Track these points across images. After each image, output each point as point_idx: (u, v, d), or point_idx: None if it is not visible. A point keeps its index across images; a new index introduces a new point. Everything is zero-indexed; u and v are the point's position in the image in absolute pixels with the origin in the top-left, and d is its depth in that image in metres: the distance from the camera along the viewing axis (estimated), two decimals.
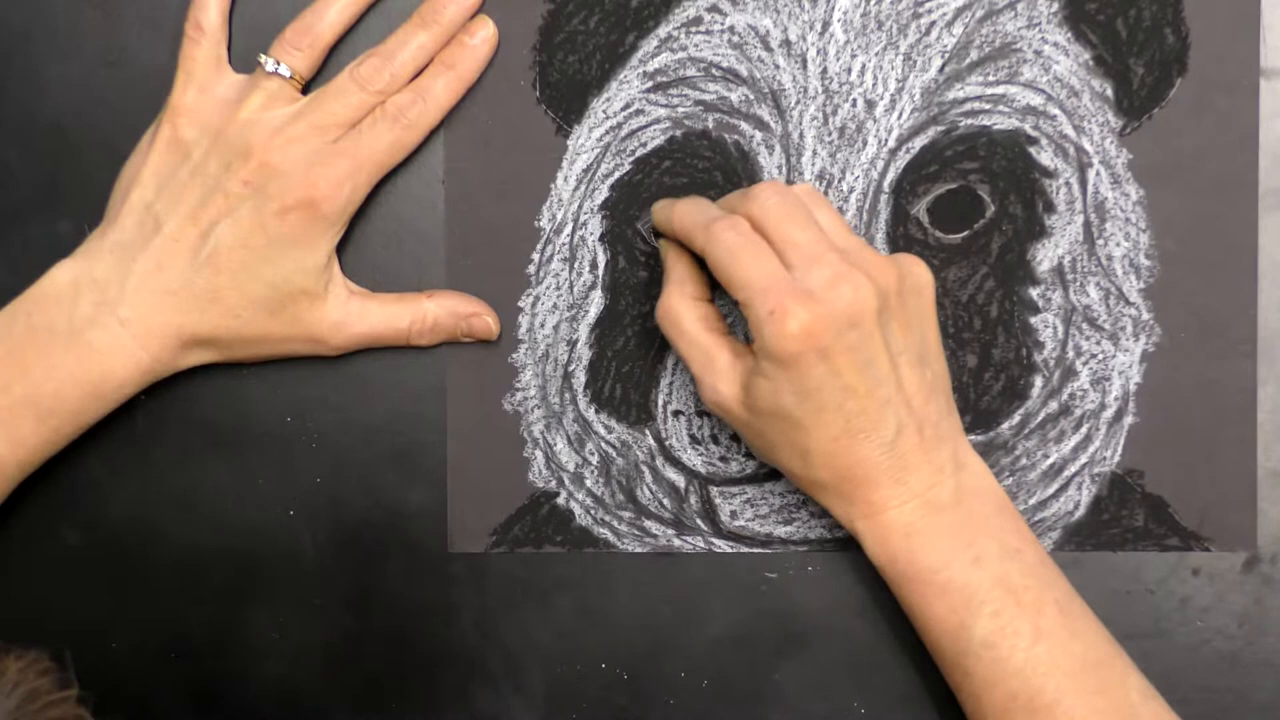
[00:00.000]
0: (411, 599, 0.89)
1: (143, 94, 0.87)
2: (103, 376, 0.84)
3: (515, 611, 0.89)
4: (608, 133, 0.86)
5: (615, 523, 0.88)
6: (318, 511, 0.89)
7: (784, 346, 0.76)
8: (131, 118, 0.87)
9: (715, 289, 0.83)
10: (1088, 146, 0.85)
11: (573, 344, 0.87)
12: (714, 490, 0.88)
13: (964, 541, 0.80)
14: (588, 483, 0.88)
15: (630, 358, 0.87)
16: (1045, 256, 0.86)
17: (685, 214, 0.82)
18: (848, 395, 0.78)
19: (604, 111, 0.86)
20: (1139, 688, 0.80)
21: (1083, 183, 0.85)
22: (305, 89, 0.85)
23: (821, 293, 0.77)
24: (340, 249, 0.86)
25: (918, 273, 0.80)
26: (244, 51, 0.86)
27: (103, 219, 0.86)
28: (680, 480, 0.88)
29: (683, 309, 0.82)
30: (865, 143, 0.85)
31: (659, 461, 0.88)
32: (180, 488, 0.89)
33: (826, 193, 0.85)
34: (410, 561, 0.88)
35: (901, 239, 0.86)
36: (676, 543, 0.88)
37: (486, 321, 0.87)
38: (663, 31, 0.86)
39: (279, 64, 0.84)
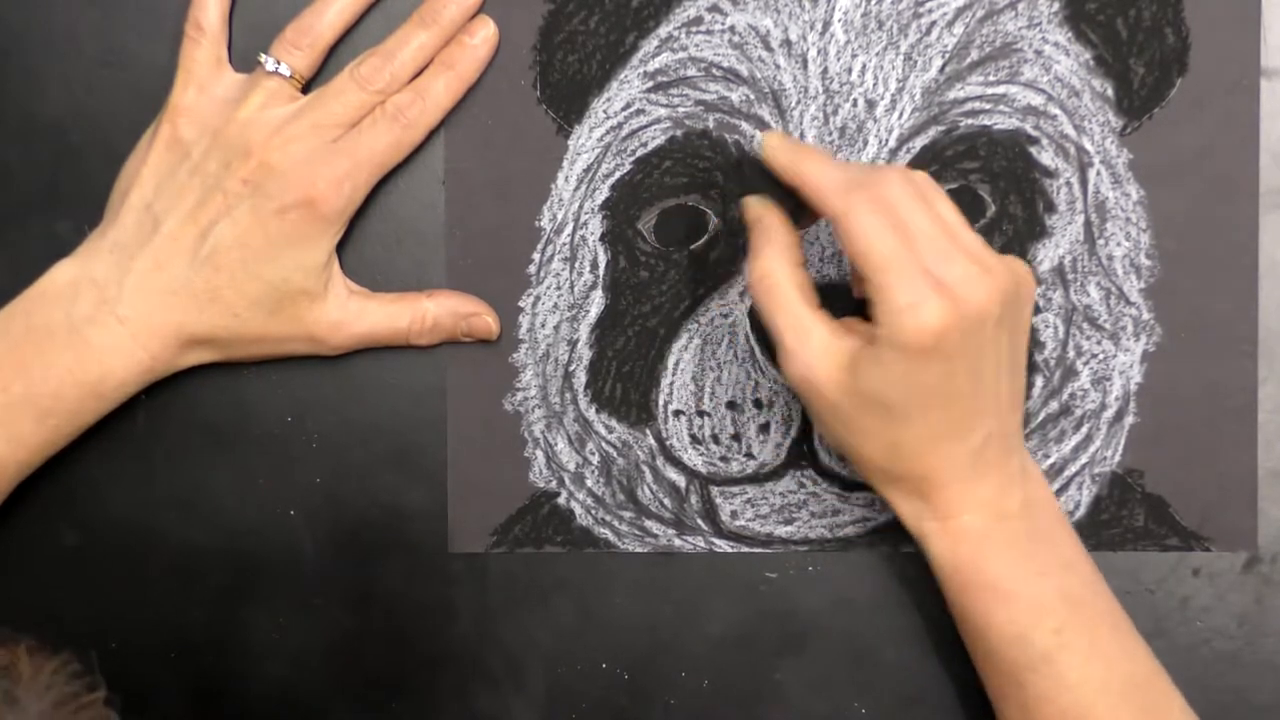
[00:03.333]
0: (411, 599, 0.89)
1: (143, 94, 0.87)
2: (102, 376, 0.84)
3: (515, 611, 0.89)
4: (608, 133, 0.86)
5: (616, 523, 0.88)
6: (318, 511, 0.89)
7: (917, 339, 0.74)
8: (131, 118, 0.87)
9: None
10: (1088, 146, 0.85)
11: (573, 344, 0.87)
12: (714, 490, 0.88)
13: (1030, 552, 0.79)
14: (588, 483, 0.88)
15: (631, 357, 0.87)
16: (1046, 256, 0.86)
17: (818, 172, 0.78)
18: (956, 397, 0.76)
19: (604, 111, 0.86)
20: (1181, 707, 0.81)
21: (1083, 182, 0.85)
22: (305, 89, 0.85)
23: (958, 289, 0.74)
24: (340, 249, 0.86)
25: (1027, 279, 0.79)
26: (244, 51, 0.86)
27: (102, 218, 0.86)
28: (681, 480, 0.88)
29: (784, 275, 0.78)
30: (866, 143, 0.85)
31: (659, 461, 0.88)
32: (180, 488, 0.89)
33: None
34: (410, 561, 0.88)
35: None
36: (677, 543, 0.88)
37: (486, 321, 0.87)
38: (663, 31, 0.86)
39: (279, 63, 0.84)
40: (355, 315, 0.86)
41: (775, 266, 0.78)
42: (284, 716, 0.90)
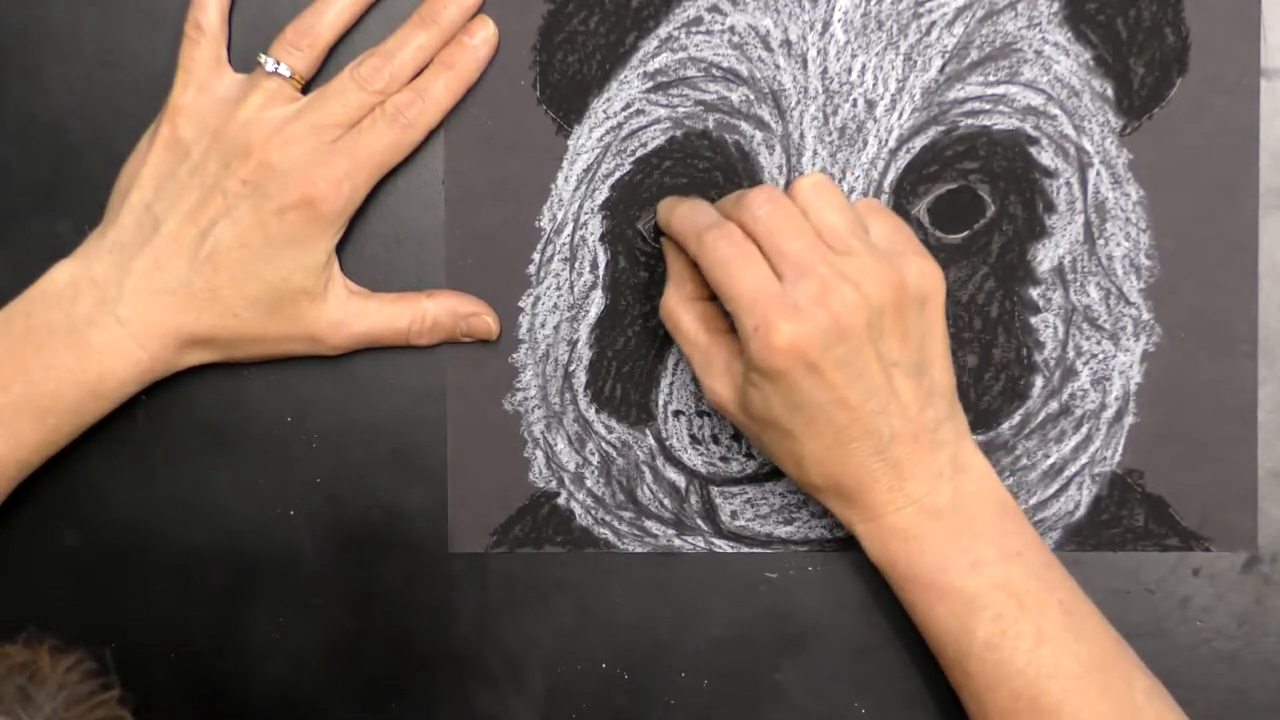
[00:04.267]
0: (411, 599, 0.89)
1: (143, 94, 0.87)
2: (101, 376, 0.84)
3: (515, 611, 0.89)
4: (608, 133, 0.86)
5: (616, 523, 0.88)
6: (318, 511, 0.89)
7: (769, 361, 0.76)
8: (131, 118, 0.87)
9: None
10: (1088, 146, 0.85)
11: (573, 344, 0.87)
12: (714, 490, 0.87)
13: (962, 546, 0.80)
14: (588, 483, 0.88)
15: (630, 358, 0.87)
16: (1046, 256, 0.86)
17: (682, 218, 0.81)
18: (838, 407, 0.77)
19: (604, 111, 0.86)
20: (1145, 688, 0.80)
21: (1083, 182, 0.85)
22: (305, 89, 0.85)
23: (809, 307, 0.76)
24: (340, 249, 0.86)
25: (925, 279, 0.79)
26: (244, 51, 0.86)
27: (103, 219, 0.86)
28: (681, 480, 0.88)
29: (681, 309, 0.82)
30: (866, 143, 0.85)
31: (659, 461, 0.88)
32: (180, 488, 0.89)
33: None
34: (410, 561, 0.88)
35: None
36: (677, 543, 0.88)
37: (486, 321, 0.87)
38: (663, 31, 0.86)
39: (279, 64, 0.84)
40: (355, 315, 0.86)
41: (673, 301, 0.83)
42: (284, 716, 0.90)
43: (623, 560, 0.88)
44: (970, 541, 0.80)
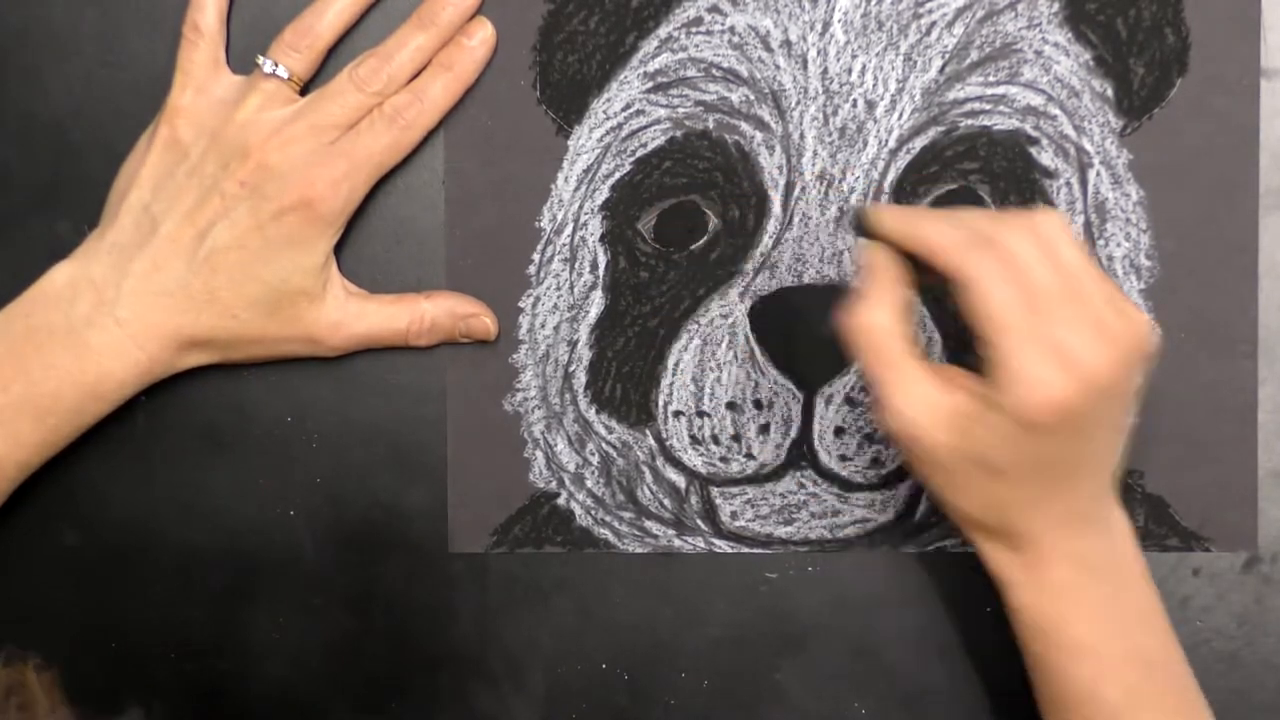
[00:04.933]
0: (411, 599, 0.89)
1: (143, 94, 0.87)
2: (100, 377, 0.84)
3: (515, 611, 0.89)
4: (608, 133, 0.86)
5: (616, 523, 0.88)
6: (318, 511, 0.89)
7: (1037, 414, 0.72)
8: (131, 118, 0.87)
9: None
10: (1088, 147, 0.85)
11: (573, 344, 0.87)
12: (714, 490, 0.87)
13: (1112, 609, 0.78)
14: (588, 483, 0.88)
15: (630, 358, 0.87)
16: None
17: (940, 231, 0.74)
18: (1064, 461, 0.75)
19: (604, 112, 0.86)
20: None
21: (1083, 183, 0.85)
22: (303, 90, 0.85)
23: (1082, 362, 0.72)
24: (340, 249, 0.86)
25: (1149, 337, 0.75)
26: (242, 52, 0.86)
27: (100, 220, 0.86)
28: (681, 480, 0.88)
29: (887, 327, 0.76)
30: (866, 143, 0.85)
31: (659, 462, 0.88)
32: (180, 488, 0.89)
33: (827, 194, 0.85)
34: (410, 561, 0.88)
35: None
36: (677, 543, 0.88)
37: (485, 322, 0.87)
38: (663, 32, 0.86)
39: (277, 65, 0.84)
40: (354, 316, 0.86)
41: (879, 317, 0.76)
42: (284, 716, 0.90)
43: (623, 560, 0.88)
44: (1117, 605, 0.78)
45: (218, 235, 0.83)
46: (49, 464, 0.86)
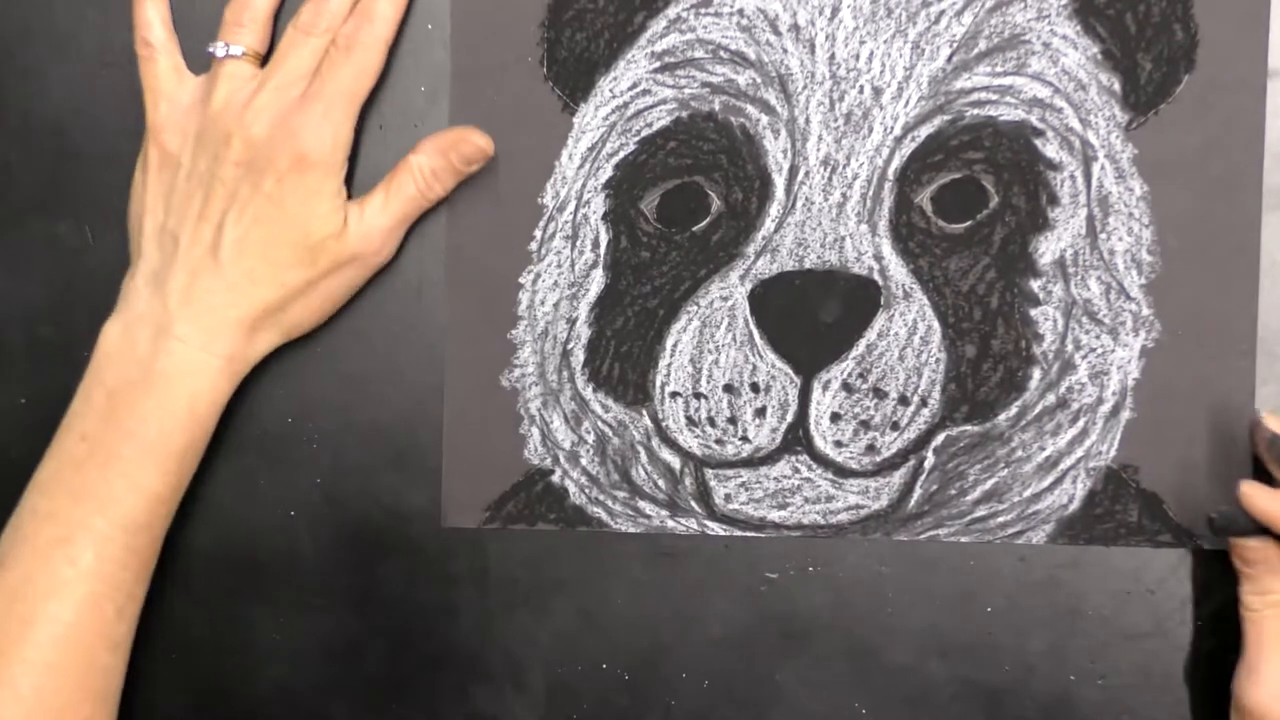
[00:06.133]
0: (411, 599, 0.89)
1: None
2: (192, 400, 0.84)
3: (515, 611, 0.89)
4: (614, 112, 0.86)
5: (609, 502, 0.88)
6: (318, 511, 0.89)
7: None
8: (131, 118, 0.88)
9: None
10: (1093, 140, 0.85)
11: (572, 322, 0.87)
12: (709, 473, 0.87)
13: None
14: (583, 461, 0.88)
15: (629, 337, 0.87)
16: (1047, 249, 0.85)
17: None
18: None
19: (611, 90, 0.86)
20: None
21: (1087, 176, 0.85)
22: (263, 62, 0.87)
23: None
24: None
25: None
26: (197, 55, 0.88)
27: (130, 259, 0.87)
28: (675, 462, 0.88)
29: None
30: (871, 130, 0.85)
31: (655, 442, 0.87)
32: None
33: (830, 179, 0.85)
34: (410, 562, 0.88)
35: (905, 227, 0.85)
36: (670, 524, 0.88)
37: (474, 142, 0.86)
38: (672, 12, 0.86)
39: (229, 46, 0.86)
40: (374, 217, 0.86)
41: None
42: (284, 716, 0.90)
43: (623, 560, 0.88)
44: None
45: (232, 222, 0.84)
46: None
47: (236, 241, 0.84)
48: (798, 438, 0.87)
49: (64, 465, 0.84)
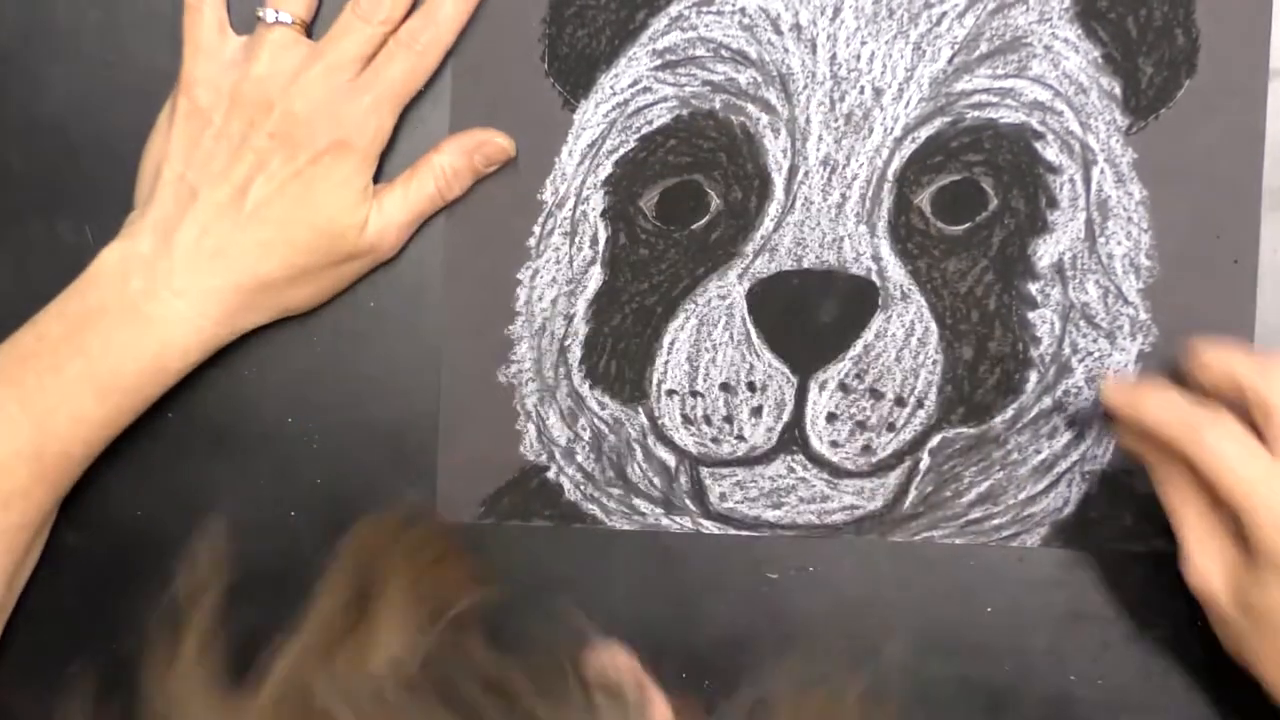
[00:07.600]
0: None
1: (143, 94, 0.88)
2: (162, 349, 0.84)
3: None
4: (614, 109, 0.86)
5: (604, 499, 0.88)
6: (318, 512, 0.89)
7: None
8: (131, 118, 0.88)
9: None
10: (1093, 144, 0.85)
11: (570, 319, 0.87)
12: (704, 471, 0.87)
13: None
14: (578, 458, 0.88)
15: (626, 335, 0.87)
16: (1046, 252, 0.85)
17: (1159, 411, 0.80)
18: None
19: (611, 87, 0.87)
20: None
21: (1086, 180, 0.85)
22: (308, 32, 0.86)
23: None
24: None
25: None
26: (245, 17, 0.87)
27: (136, 201, 0.86)
28: (671, 460, 0.87)
29: (1219, 576, 0.79)
30: (871, 130, 0.85)
31: (650, 440, 0.87)
32: (180, 488, 0.89)
33: (830, 179, 0.85)
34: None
35: (903, 228, 0.85)
36: (665, 522, 0.88)
37: (497, 144, 0.86)
38: (674, 10, 0.86)
39: (278, 13, 0.85)
40: (392, 212, 0.86)
41: (1207, 562, 0.79)
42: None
43: (623, 560, 0.88)
44: None
45: (258, 189, 0.84)
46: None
47: (257, 210, 0.84)
48: (793, 437, 0.87)
49: (9, 352, 0.84)
